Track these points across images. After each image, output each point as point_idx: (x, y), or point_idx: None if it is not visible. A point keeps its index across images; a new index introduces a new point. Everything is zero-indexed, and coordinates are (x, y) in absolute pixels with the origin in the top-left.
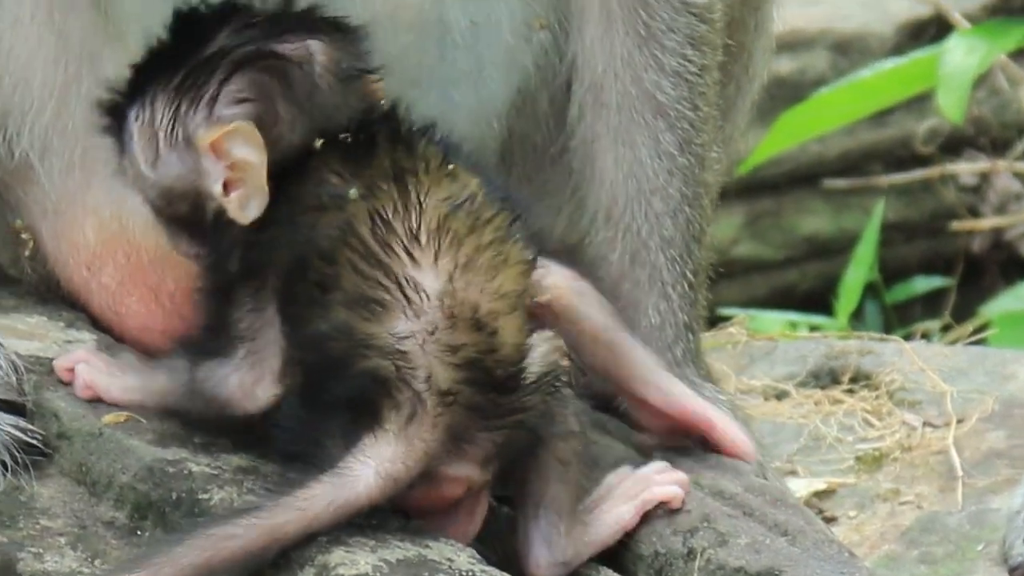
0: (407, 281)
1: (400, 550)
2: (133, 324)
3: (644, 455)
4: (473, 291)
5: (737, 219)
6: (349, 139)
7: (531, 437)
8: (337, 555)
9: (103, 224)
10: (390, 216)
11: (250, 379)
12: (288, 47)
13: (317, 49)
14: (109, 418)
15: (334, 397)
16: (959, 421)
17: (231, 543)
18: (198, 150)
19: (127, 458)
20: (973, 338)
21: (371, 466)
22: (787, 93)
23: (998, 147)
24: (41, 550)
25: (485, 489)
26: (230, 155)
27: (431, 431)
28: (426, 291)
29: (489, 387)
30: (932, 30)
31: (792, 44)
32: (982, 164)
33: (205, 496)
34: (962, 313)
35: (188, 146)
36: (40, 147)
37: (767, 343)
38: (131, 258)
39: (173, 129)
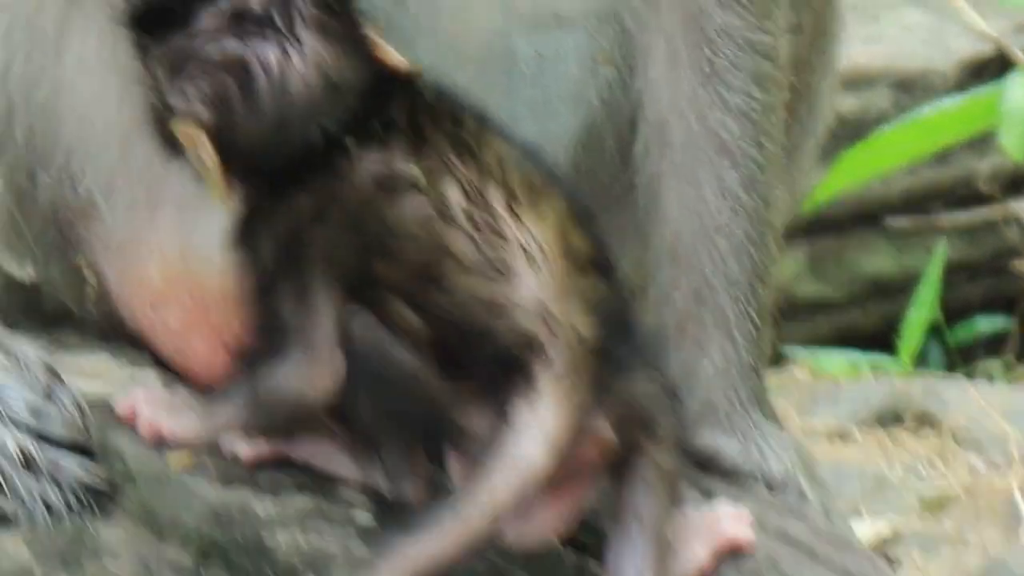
0: (521, 237)
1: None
2: (198, 364)
3: (708, 495)
4: (577, 238)
5: (799, 258)
6: (377, 125)
7: (652, 412)
8: None
9: (168, 263)
10: (467, 183)
11: (310, 371)
12: (265, 55)
13: (297, 49)
14: (174, 459)
15: (477, 367)
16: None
17: (428, 555)
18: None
19: (192, 500)
20: None
21: (537, 437)
22: (849, 131)
23: None
24: None
25: (592, 474)
26: (196, 147)
27: (582, 385)
28: (542, 243)
29: (617, 331)
30: (994, 68)
31: (854, 82)
32: None
33: (270, 539)
34: None
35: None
36: (104, 185)
37: (830, 383)
38: (196, 297)
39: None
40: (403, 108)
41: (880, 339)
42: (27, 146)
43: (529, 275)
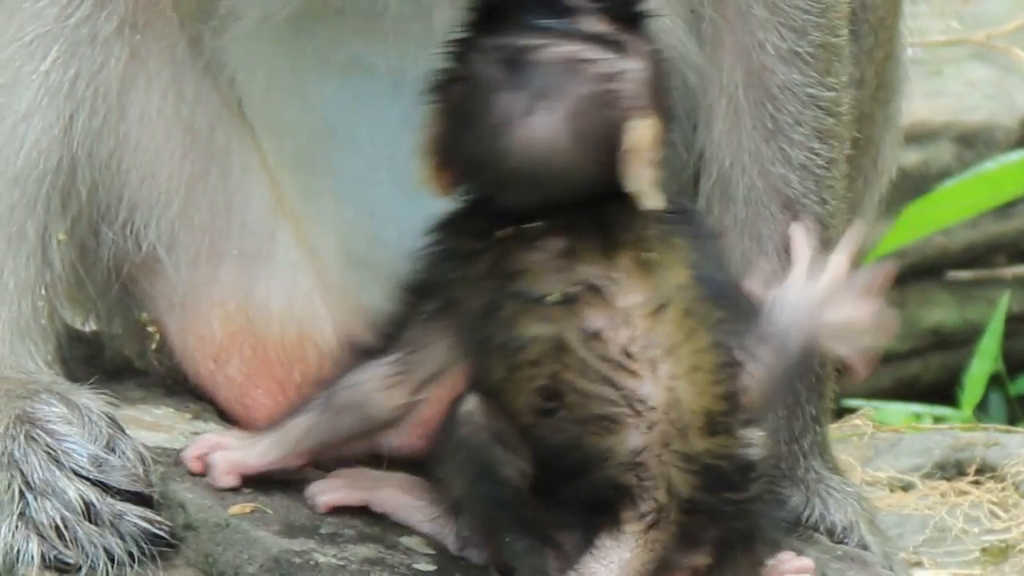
0: (633, 396)
1: None
2: (260, 416)
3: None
4: (700, 397)
5: None
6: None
7: (751, 526)
8: None
9: (229, 317)
10: (599, 330)
11: (390, 382)
12: (519, 102)
13: (549, 118)
14: (235, 509)
15: (571, 499)
16: None
17: None
18: None
19: (253, 549)
20: None
21: (614, 570)
22: (912, 185)
23: None
24: None
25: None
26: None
27: (670, 535)
28: (654, 404)
29: (725, 487)
30: None
31: (917, 136)
32: None
33: None
34: None
35: None
36: (167, 240)
37: (892, 435)
38: (257, 351)
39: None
40: (609, 225)
41: (941, 391)
42: (90, 201)
43: (633, 435)
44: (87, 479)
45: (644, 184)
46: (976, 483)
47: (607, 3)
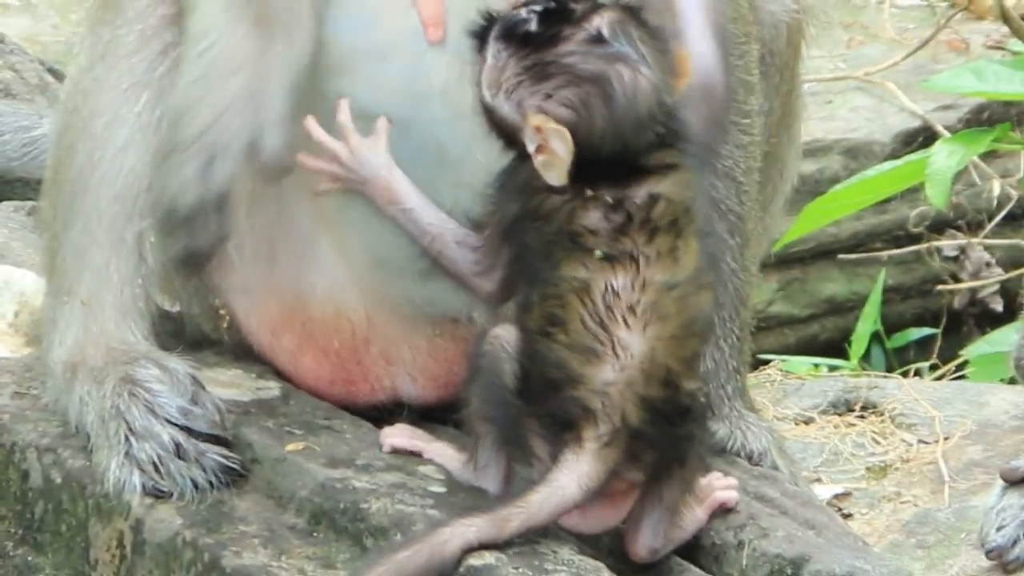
0: (620, 342)
1: (516, 544)
2: (308, 376)
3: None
4: (667, 356)
5: (772, 285)
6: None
7: (683, 453)
8: None
9: (283, 301)
10: (619, 288)
11: (481, 273)
12: (621, 73)
13: (645, 83)
14: (291, 447)
15: (546, 410)
16: (946, 439)
17: (468, 533)
18: (526, 119)
19: (304, 477)
20: (955, 375)
21: (574, 479)
22: (810, 188)
23: (972, 227)
24: (240, 549)
25: (636, 487)
26: (547, 139)
27: (619, 453)
28: (633, 353)
29: (666, 423)
30: (921, 138)
31: (813, 151)
32: (961, 240)
33: (366, 506)
34: (946, 355)
35: (519, 109)
36: (235, 243)
37: (796, 381)
38: (305, 326)
39: (514, 90)
40: (658, 216)
41: (835, 347)
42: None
43: (608, 371)
44: (176, 425)
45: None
46: (861, 417)
47: None
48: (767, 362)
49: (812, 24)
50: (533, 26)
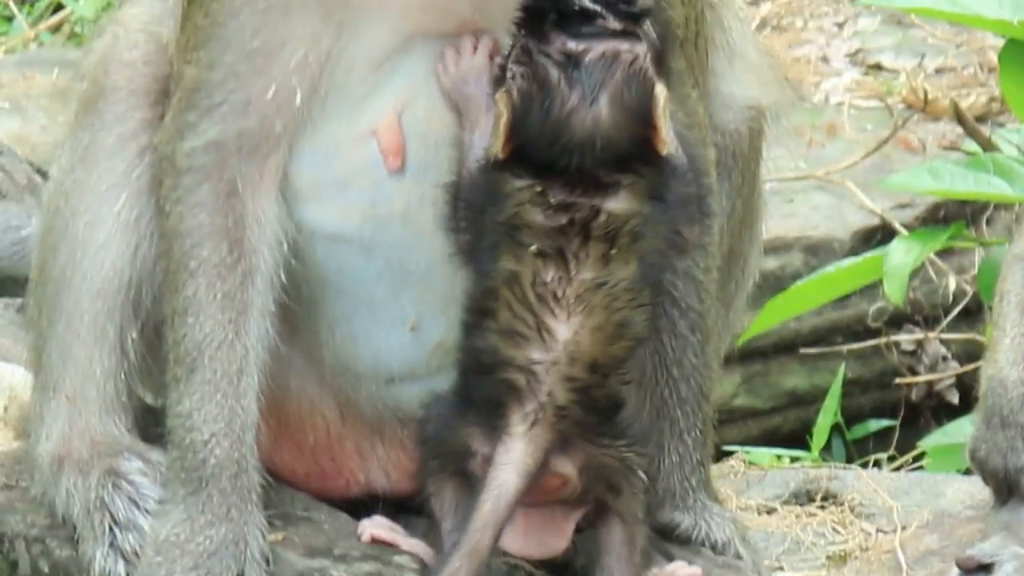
0: (545, 326)
1: None
2: (285, 470)
3: (668, 557)
4: (592, 346)
5: (736, 378)
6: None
7: (613, 477)
8: None
9: (260, 398)
10: (547, 279)
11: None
12: (569, 96)
13: (592, 105)
14: (271, 537)
15: (477, 395)
16: (904, 528)
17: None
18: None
19: (284, 567)
20: (913, 465)
21: (511, 468)
22: (772, 284)
23: (929, 322)
24: None
25: (575, 510)
26: (498, 107)
27: (548, 432)
28: (556, 337)
29: (593, 410)
30: (879, 235)
31: (775, 247)
32: (918, 335)
33: None
34: (905, 446)
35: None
36: None
37: (759, 472)
38: (281, 422)
39: (507, 64)
40: (596, 223)
41: (797, 438)
42: (153, 309)
43: (535, 351)
44: None
45: (667, 134)
46: (822, 507)
47: (618, 5)
48: (731, 453)
49: (773, 126)
50: (552, 15)
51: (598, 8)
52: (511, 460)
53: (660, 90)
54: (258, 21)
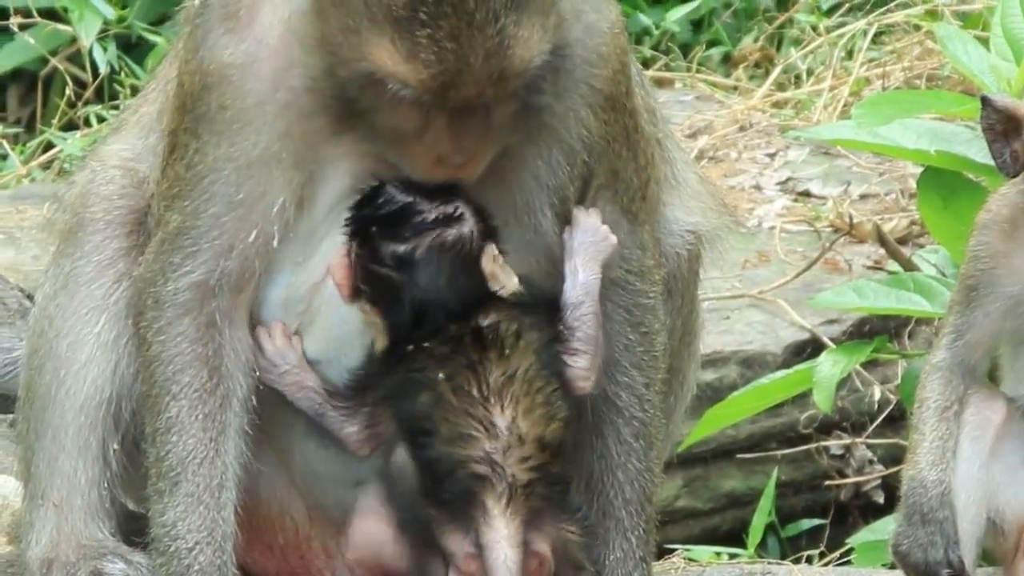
0: (486, 421)
1: None
2: (257, 569)
3: None
4: (533, 427)
5: (678, 481)
6: (451, 332)
7: (577, 554)
8: None
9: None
10: (467, 387)
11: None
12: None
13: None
14: None
15: (447, 497)
16: None
17: None
18: None
19: None
20: (842, 561)
21: (504, 544)
22: (710, 395)
23: (856, 428)
24: None
25: None
26: (368, 316)
27: (521, 508)
28: (498, 426)
29: (554, 485)
30: (809, 349)
31: (713, 361)
32: (846, 440)
33: None
34: (834, 543)
35: None
36: None
37: (699, 568)
38: (253, 523)
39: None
40: (482, 338)
41: (735, 536)
42: (133, 422)
43: (486, 443)
44: None
45: (503, 279)
46: None
47: (432, 196)
48: (673, 551)
49: (710, 249)
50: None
51: (414, 205)
52: (501, 537)
53: (488, 250)
54: (241, 176)
